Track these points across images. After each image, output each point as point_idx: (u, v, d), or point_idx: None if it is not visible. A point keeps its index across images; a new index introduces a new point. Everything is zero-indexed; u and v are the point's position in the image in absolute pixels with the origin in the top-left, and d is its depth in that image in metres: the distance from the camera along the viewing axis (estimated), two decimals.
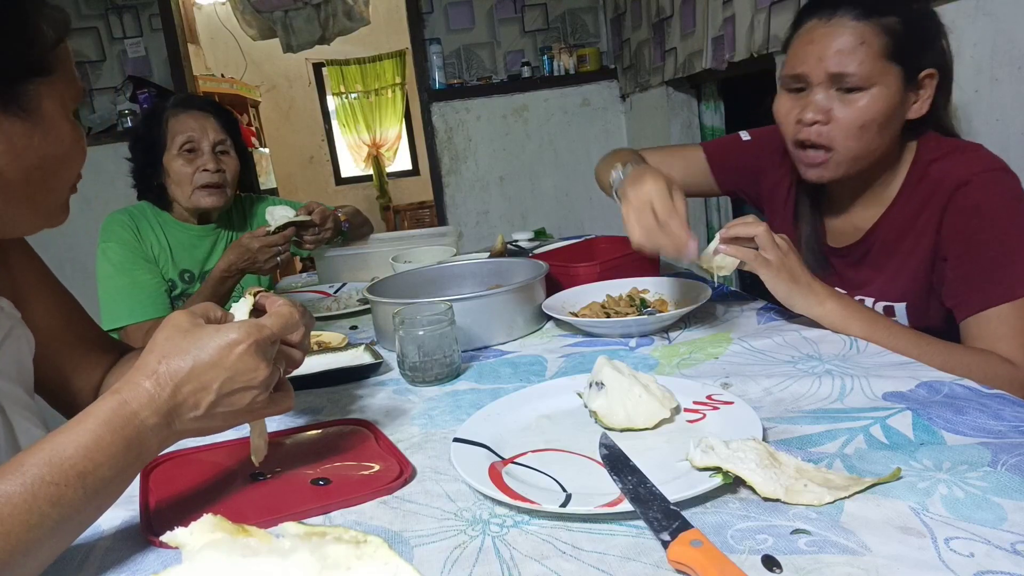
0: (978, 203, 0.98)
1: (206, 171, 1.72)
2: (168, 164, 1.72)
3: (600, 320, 1.11)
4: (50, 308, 0.97)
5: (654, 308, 1.17)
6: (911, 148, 1.09)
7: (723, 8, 2.37)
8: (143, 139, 1.74)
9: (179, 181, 1.72)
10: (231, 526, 0.50)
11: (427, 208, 6.68)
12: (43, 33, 0.76)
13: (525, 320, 1.17)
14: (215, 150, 1.74)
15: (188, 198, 1.74)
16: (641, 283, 1.26)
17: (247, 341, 0.64)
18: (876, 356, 0.90)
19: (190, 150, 1.71)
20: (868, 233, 1.12)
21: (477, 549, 0.58)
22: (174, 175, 1.72)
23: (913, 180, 1.07)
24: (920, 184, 1.06)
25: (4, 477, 0.55)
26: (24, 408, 0.84)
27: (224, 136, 1.76)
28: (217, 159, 1.74)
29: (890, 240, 1.09)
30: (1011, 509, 0.54)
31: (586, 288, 1.27)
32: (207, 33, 5.92)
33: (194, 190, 1.72)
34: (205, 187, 1.73)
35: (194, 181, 1.72)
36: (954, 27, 1.44)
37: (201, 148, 1.72)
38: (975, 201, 0.99)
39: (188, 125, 1.72)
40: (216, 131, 1.74)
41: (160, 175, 1.74)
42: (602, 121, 3.92)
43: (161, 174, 1.73)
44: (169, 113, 1.73)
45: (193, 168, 1.71)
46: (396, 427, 0.86)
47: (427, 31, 3.87)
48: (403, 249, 1.78)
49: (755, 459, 0.61)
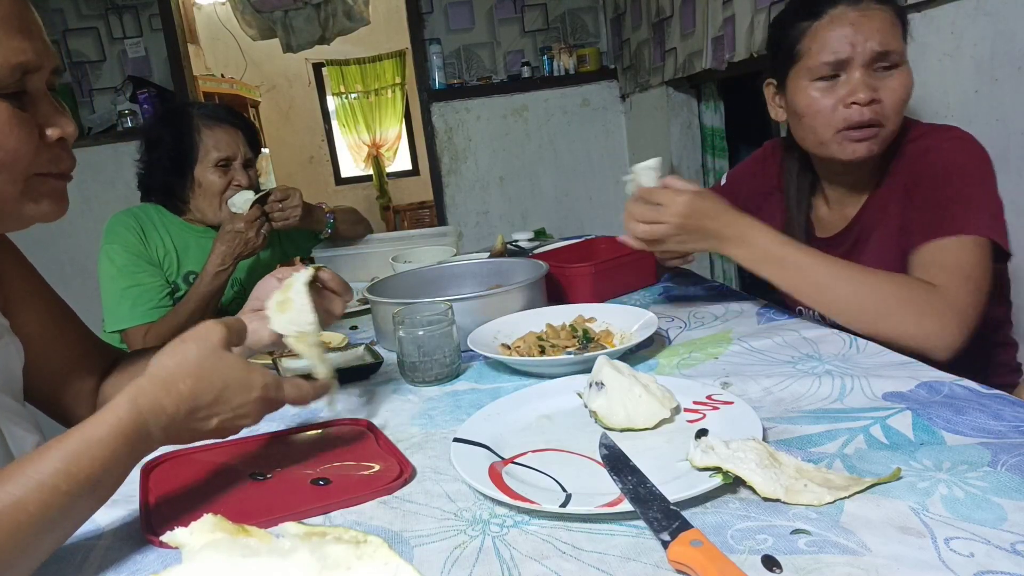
0: (936, 157, 1.04)
1: (238, 185, 1.74)
2: (200, 176, 1.72)
3: (528, 359, 0.98)
4: (41, 316, 0.95)
5: (598, 341, 1.04)
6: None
7: (723, 8, 2.37)
8: (171, 147, 1.71)
9: (210, 194, 1.73)
10: (231, 526, 0.50)
11: (427, 208, 6.67)
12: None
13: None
14: (244, 165, 1.76)
15: (216, 213, 1.75)
16: (588, 310, 1.13)
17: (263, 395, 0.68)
18: (876, 356, 0.90)
19: (224, 166, 1.72)
20: (854, 219, 1.16)
21: (477, 549, 0.58)
22: (206, 187, 1.72)
23: (893, 161, 1.11)
24: (898, 165, 1.10)
25: (17, 483, 0.56)
26: (14, 415, 0.84)
27: (250, 152, 1.79)
28: (246, 174, 1.76)
29: (874, 221, 1.13)
30: (1011, 509, 0.54)
31: (526, 315, 1.13)
32: (207, 33, 5.92)
33: (223, 205, 1.74)
34: None
35: (225, 196, 1.73)
36: (954, 27, 1.44)
37: (234, 164, 1.74)
38: (934, 156, 1.04)
39: (224, 140, 1.72)
40: (245, 147, 1.77)
41: (186, 184, 1.73)
42: (602, 121, 3.92)
43: (187, 184, 1.73)
44: (201, 124, 1.72)
45: (225, 183, 1.73)
46: (396, 427, 0.86)
47: (427, 31, 3.86)
48: (403, 249, 1.78)
49: (755, 459, 0.61)
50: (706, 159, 3.21)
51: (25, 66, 0.68)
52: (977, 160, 1.03)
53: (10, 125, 0.68)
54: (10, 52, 0.67)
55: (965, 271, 0.94)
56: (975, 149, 1.04)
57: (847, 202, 1.18)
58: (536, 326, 1.09)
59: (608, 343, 1.04)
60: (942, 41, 1.47)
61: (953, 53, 1.45)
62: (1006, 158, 1.35)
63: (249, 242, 1.65)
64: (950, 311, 0.92)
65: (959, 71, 1.43)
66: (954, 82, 1.23)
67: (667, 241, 1.02)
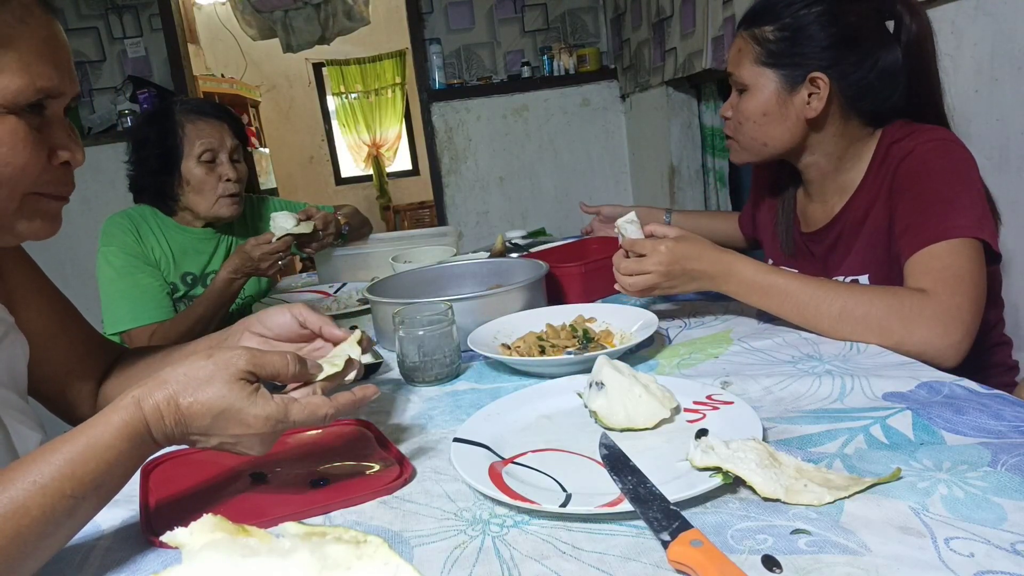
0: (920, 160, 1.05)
1: (229, 180, 1.74)
2: (187, 172, 1.71)
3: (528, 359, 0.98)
4: (44, 312, 0.95)
5: (598, 341, 1.04)
6: (876, 136, 1.14)
7: (723, 8, 2.37)
8: (157, 145, 1.71)
9: (200, 189, 1.73)
10: (231, 526, 0.50)
11: (427, 208, 6.67)
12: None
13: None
14: (231, 158, 1.75)
15: (211, 207, 1.74)
16: (588, 310, 1.14)
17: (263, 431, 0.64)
18: (876, 356, 0.90)
19: (210, 159, 1.72)
20: (837, 216, 1.18)
21: (477, 549, 0.58)
22: (195, 183, 1.72)
23: (876, 163, 1.13)
24: (882, 166, 1.11)
25: (19, 486, 0.56)
26: (19, 412, 0.84)
27: (237, 143, 1.78)
28: (234, 167, 1.75)
29: (857, 219, 1.14)
30: (1011, 509, 0.54)
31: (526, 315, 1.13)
32: (207, 33, 5.92)
33: (217, 199, 1.74)
34: (228, 196, 1.75)
35: (218, 191, 1.73)
36: (954, 27, 1.44)
37: (219, 157, 1.73)
38: (917, 160, 1.05)
39: (206, 133, 1.72)
40: (231, 138, 1.76)
41: (175, 182, 1.73)
42: (602, 121, 3.92)
43: (176, 181, 1.73)
44: (184, 119, 1.72)
45: (215, 177, 1.73)
46: (396, 427, 0.86)
47: (427, 31, 3.86)
48: (403, 249, 1.78)
49: (755, 459, 0.61)
50: (706, 159, 3.21)
51: (48, 91, 0.72)
52: (957, 162, 1.03)
53: (24, 142, 0.71)
54: (37, 77, 0.70)
55: (956, 274, 0.94)
56: (956, 151, 1.04)
57: (829, 199, 1.20)
58: (536, 326, 1.09)
59: (608, 343, 1.04)
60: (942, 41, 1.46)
61: (953, 53, 1.45)
62: (1006, 158, 1.35)
63: (259, 268, 1.65)
64: (943, 316, 0.91)
65: (959, 71, 1.43)
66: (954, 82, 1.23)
67: (657, 289, 1.05)
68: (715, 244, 1.05)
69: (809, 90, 1.10)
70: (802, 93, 1.11)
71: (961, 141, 1.06)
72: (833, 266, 1.19)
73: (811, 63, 1.09)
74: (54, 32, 0.72)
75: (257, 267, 1.64)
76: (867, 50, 1.08)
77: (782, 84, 1.12)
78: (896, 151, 1.09)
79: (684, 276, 1.04)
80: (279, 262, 1.66)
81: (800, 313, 0.99)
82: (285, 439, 0.84)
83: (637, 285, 1.06)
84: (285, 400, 0.66)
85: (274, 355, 0.67)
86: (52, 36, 0.72)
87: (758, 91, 1.14)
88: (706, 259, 1.03)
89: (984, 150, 1.35)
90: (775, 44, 1.11)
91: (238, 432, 0.64)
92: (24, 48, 0.69)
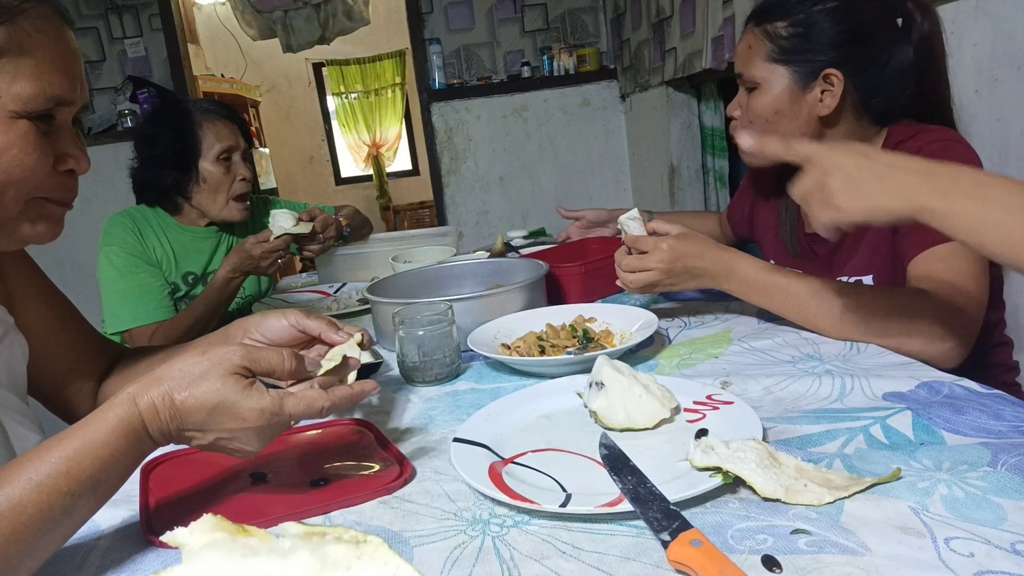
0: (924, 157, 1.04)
1: (244, 180, 1.76)
2: (205, 170, 1.72)
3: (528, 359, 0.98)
4: (44, 313, 0.95)
5: (598, 341, 1.04)
6: (882, 135, 1.13)
7: (723, 8, 2.37)
8: (172, 144, 1.71)
9: (216, 188, 1.74)
10: (231, 526, 0.50)
11: (427, 208, 6.67)
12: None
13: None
14: (244, 158, 1.78)
15: (221, 209, 1.76)
16: (588, 310, 1.13)
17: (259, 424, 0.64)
18: (876, 356, 0.90)
19: (227, 159, 1.74)
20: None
21: (477, 549, 0.58)
22: (212, 182, 1.73)
23: None
24: None
25: (16, 484, 0.56)
26: (18, 413, 0.84)
27: (247, 145, 1.80)
28: (247, 167, 1.77)
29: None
30: (1011, 509, 0.54)
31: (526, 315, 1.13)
32: (207, 33, 5.92)
33: (229, 200, 1.75)
34: (240, 198, 1.77)
35: (231, 191, 1.75)
36: (954, 27, 1.44)
37: (235, 157, 1.75)
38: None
39: (224, 132, 1.74)
40: (242, 139, 1.78)
41: (190, 180, 1.73)
42: (602, 121, 3.92)
43: (192, 179, 1.73)
44: (202, 118, 1.73)
45: (231, 176, 1.74)
46: (396, 427, 0.86)
47: (427, 31, 3.86)
48: (403, 249, 1.78)
49: (755, 459, 0.61)
50: (706, 159, 3.21)
51: (59, 99, 0.73)
52: (963, 162, 1.03)
53: (33, 146, 0.72)
54: (49, 85, 0.72)
55: (959, 275, 0.94)
56: (962, 152, 1.04)
57: None
58: (536, 326, 1.09)
59: (608, 343, 1.04)
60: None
61: (953, 53, 1.44)
62: (1006, 158, 1.35)
63: (258, 267, 1.65)
64: (945, 318, 0.91)
65: (959, 71, 1.43)
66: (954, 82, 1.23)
67: (658, 286, 1.06)
68: (717, 242, 1.05)
69: (822, 87, 1.09)
70: (815, 90, 1.10)
71: (967, 141, 1.06)
72: (837, 267, 1.19)
73: (824, 60, 1.08)
74: (68, 43, 0.74)
75: (256, 265, 1.64)
76: (880, 47, 1.08)
77: (795, 81, 1.10)
78: (902, 151, 1.09)
79: (685, 274, 1.04)
80: (278, 260, 1.66)
81: (801, 312, 0.99)
82: (285, 439, 0.84)
83: (639, 282, 1.06)
84: (281, 394, 0.65)
85: (270, 351, 0.68)
86: (66, 46, 0.74)
87: (770, 88, 1.12)
88: (708, 257, 1.03)
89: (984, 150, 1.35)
90: (787, 40, 1.10)
91: (233, 426, 0.63)
92: (40, 56, 0.71)
